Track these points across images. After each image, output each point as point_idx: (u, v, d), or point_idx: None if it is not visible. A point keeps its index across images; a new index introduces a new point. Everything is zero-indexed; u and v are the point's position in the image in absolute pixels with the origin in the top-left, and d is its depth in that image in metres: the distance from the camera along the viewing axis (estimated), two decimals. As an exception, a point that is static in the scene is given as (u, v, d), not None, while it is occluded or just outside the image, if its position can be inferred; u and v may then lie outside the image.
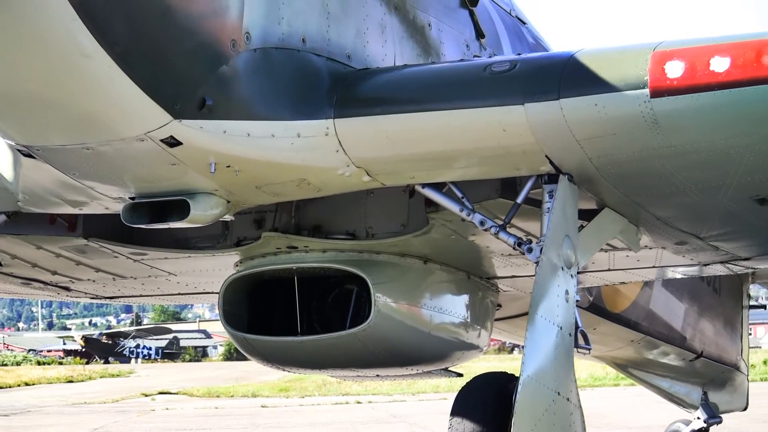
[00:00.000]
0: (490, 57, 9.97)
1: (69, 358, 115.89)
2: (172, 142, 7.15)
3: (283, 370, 10.55)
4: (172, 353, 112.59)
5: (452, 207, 8.23)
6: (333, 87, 7.79)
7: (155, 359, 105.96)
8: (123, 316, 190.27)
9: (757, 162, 7.84)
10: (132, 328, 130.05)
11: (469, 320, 9.80)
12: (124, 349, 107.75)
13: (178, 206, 7.74)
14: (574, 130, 7.54)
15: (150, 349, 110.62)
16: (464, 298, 9.76)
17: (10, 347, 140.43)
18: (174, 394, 45.18)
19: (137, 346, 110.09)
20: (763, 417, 22.87)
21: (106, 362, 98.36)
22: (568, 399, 7.66)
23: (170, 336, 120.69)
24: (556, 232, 7.91)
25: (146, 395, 44.16)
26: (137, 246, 9.30)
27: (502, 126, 7.61)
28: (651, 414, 21.76)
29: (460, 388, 8.08)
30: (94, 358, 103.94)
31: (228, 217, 8.27)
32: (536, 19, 12.50)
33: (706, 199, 8.53)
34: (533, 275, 7.91)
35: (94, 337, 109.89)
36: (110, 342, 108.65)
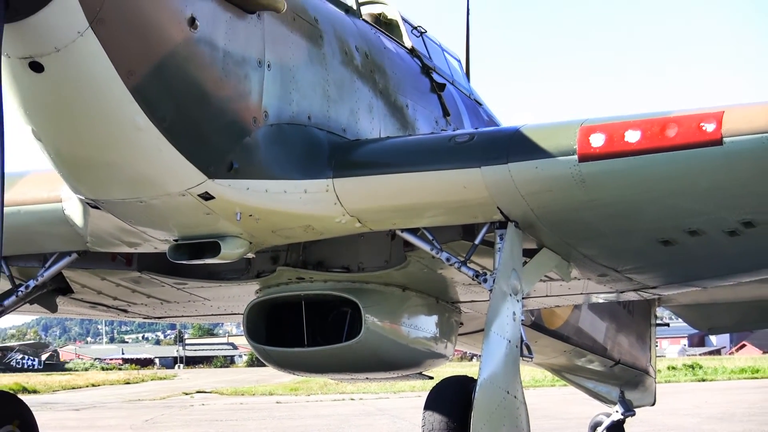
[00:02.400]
0: (453, 131, 9.99)
1: (127, 365, 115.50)
2: (207, 197, 7.15)
3: (294, 374, 10.48)
4: (53, 364, 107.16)
5: (425, 247, 8.22)
6: (332, 154, 7.80)
7: (38, 369, 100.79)
8: (168, 331, 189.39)
9: (661, 212, 7.87)
10: (17, 343, 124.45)
11: (438, 335, 9.77)
12: (12, 360, 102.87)
13: (211, 246, 7.73)
14: (519, 187, 7.56)
15: (34, 360, 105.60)
16: (434, 318, 9.72)
17: (80, 356, 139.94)
18: (208, 392, 44.96)
19: (23, 358, 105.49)
20: (667, 411, 22.85)
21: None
22: (515, 396, 7.61)
23: (51, 350, 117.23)
24: (505, 266, 7.90)
25: (186, 394, 43.96)
26: (180, 277, 9.27)
27: (463, 184, 7.63)
28: (580, 408, 21.68)
29: (431, 388, 8.05)
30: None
31: (250, 255, 8.26)
32: (490, 100, 12.53)
33: (621, 241, 8.54)
34: (488, 300, 7.88)
35: None
36: (0, 354, 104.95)
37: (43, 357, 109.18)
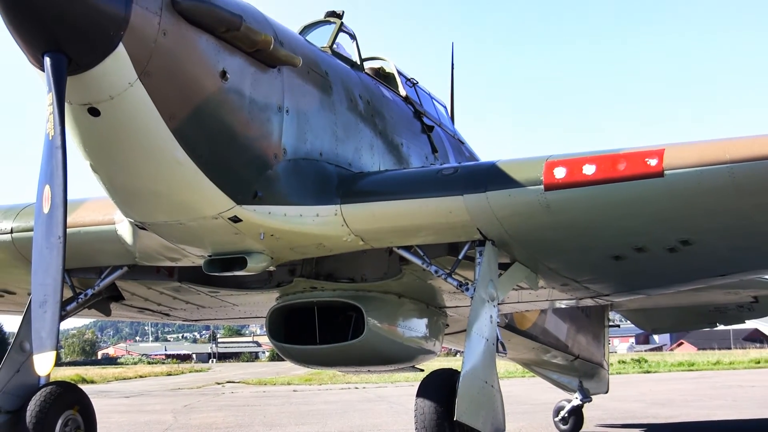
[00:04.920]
0: (441, 165, 9.98)
1: (169, 360, 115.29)
2: (236, 220, 7.14)
3: (308, 367, 10.43)
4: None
5: (417, 261, 8.20)
6: (339, 184, 7.80)
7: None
8: (204, 332, 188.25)
9: (613, 232, 7.86)
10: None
11: (428, 335, 9.72)
12: None
13: (239, 261, 7.72)
14: (495, 211, 7.55)
15: None
16: (425, 321, 9.66)
17: (130, 353, 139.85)
18: (237, 382, 44.76)
19: None
20: (618, 398, 22.78)
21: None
22: (492, 386, 7.57)
23: None
24: (484, 278, 7.88)
25: (219, 383, 43.77)
26: (213, 287, 9.22)
27: (448, 209, 7.62)
28: (545, 395, 21.60)
29: (422, 378, 8.00)
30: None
31: (271, 268, 8.23)
32: (471, 138, 12.53)
33: (580, 257, 8.52)
34: (469, 305, 7.87)
35: None
36: None
37: None
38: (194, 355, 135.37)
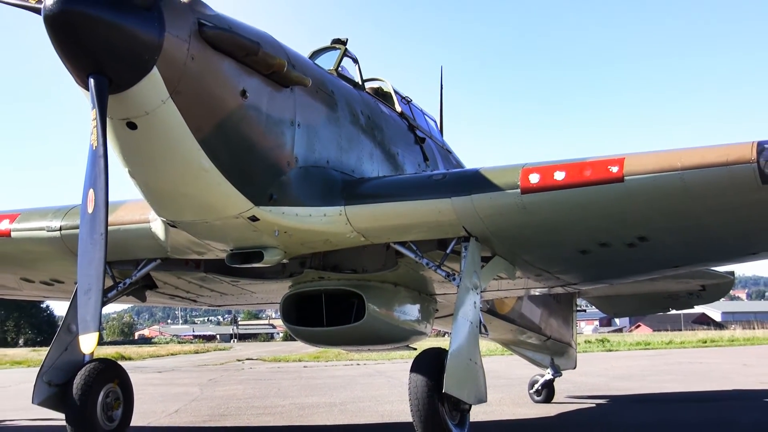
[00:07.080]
0: (431, 172, 9.98)
1: (196, 340, 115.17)
2: (254, 219, 7.14)
3: (316, 346, 10.44)
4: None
5: (411, 255, 8.21)
6: (344, 188, 7.80)
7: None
8: (226, 315, 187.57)
9: (580, 230, 7.87)
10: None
11: (420, 319, 9.72)
12: None
13: (257, 254, 7.73)
14: (478, 212, 7.55)
15: None
16: (417, 306, 9.67)
17: (162, 334, 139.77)
18: (255, 359, 44.69)
19: None
20: (583, 372, 22.78)
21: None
22: (476, 363, 7.58)
23: None
24: (468, 269, 7.89)
25: (239, 360, 43.70)
26: (234, 277, 9.22)
27: (438, 210, 7.62)
28: (522, 371, 21.56)
29: (415, 356, 8.01)
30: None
31: (285, 261, 8.23)
32: (458, 148, 12.52)
33: (552, 251, 8.53)
34: (456, 293, 7.87)
35: None
36: None
37: None
38: (218, 336, 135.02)
